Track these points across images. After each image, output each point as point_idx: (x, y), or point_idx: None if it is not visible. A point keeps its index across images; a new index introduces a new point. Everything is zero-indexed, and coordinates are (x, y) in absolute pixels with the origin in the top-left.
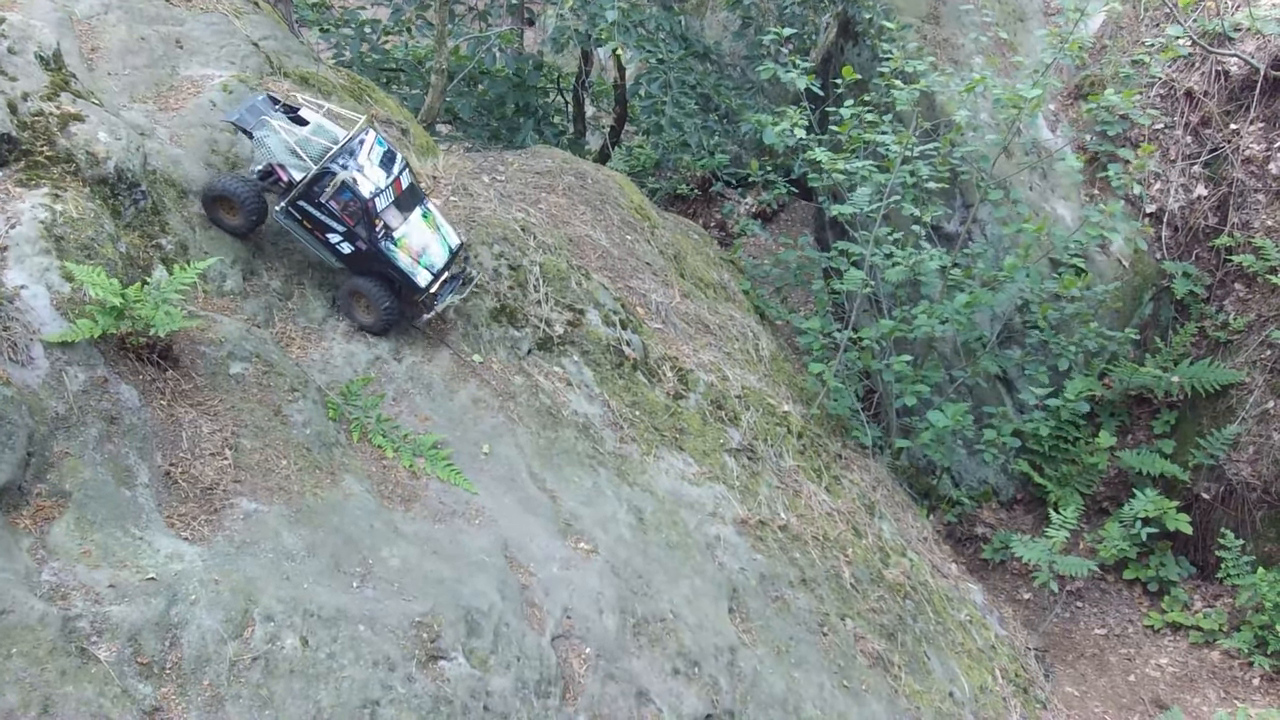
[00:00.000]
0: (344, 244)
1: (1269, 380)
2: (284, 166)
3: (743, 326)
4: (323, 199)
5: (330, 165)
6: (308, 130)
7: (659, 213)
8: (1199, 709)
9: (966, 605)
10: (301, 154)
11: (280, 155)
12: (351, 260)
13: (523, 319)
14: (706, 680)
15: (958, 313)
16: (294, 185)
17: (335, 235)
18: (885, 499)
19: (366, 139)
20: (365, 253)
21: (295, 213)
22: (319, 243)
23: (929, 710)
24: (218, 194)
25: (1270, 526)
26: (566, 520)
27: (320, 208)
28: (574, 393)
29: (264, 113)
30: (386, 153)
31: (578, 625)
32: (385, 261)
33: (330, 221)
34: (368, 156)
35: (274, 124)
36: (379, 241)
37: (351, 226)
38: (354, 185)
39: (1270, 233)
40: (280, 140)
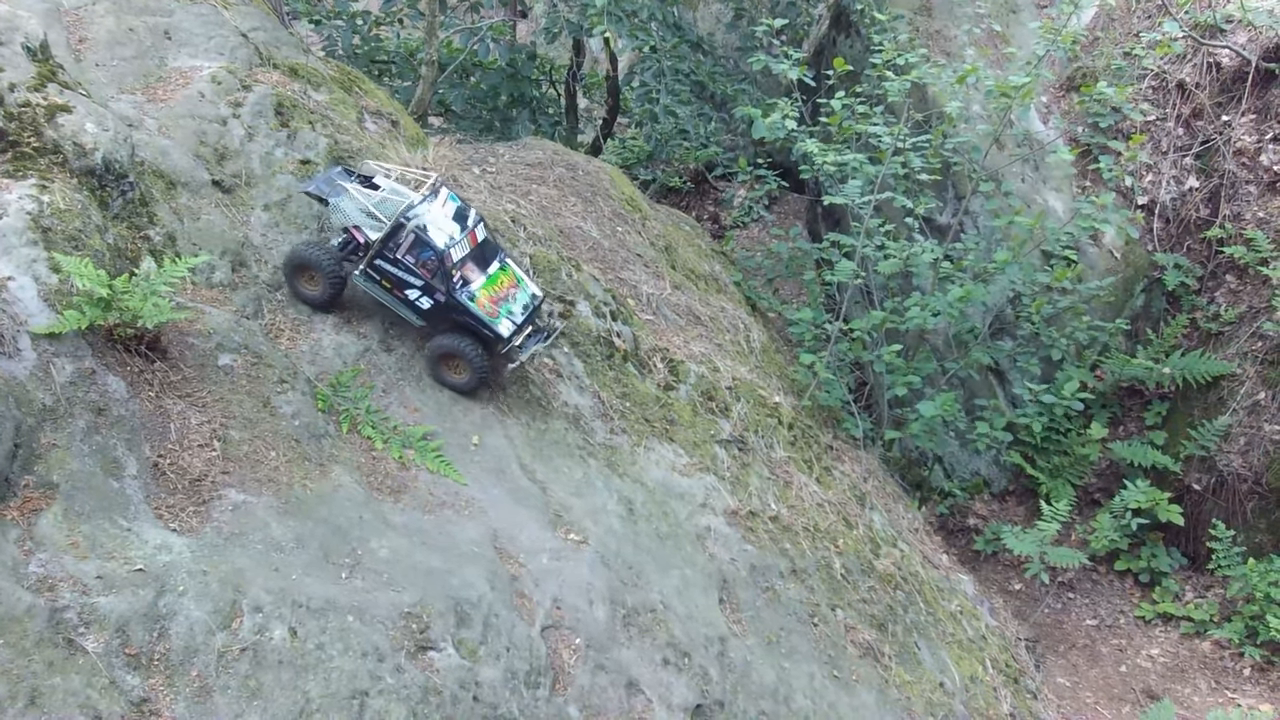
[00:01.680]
0: (423, 299)
1: (1260, 371)
2: (360, 229)
3: (734, 318)
4: (399, 254)
5: (402, 220)
6: (381, 194)
7: (650, 204)
8: (1190, 699)
9: (957, 596)
10: (377, 215)
11: (356, 217)
12: (431, 315)
13: None
14: (696, 670)
15: (950, 305)
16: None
17: (414, 290)
18: (876, 490)
19: (439, 195)
20: (445, 305)
21: (374, 273)
22: (399, 301)
23: (919, 700)
24: (299, 263)
25: (1261, 517)
26: (557, 511)
27: (397, 264)
28: (564, 384)
29: (339, 182)
30: (459, 207)
31: (568, 616)
32: (465, 312)
33: (408, 277)
34: (440, 210)
35: (349, 189)
36: (457, 293)
37: (429, 279)
38: (428, 236)
39: (1261, 224)
40: (355, 203)
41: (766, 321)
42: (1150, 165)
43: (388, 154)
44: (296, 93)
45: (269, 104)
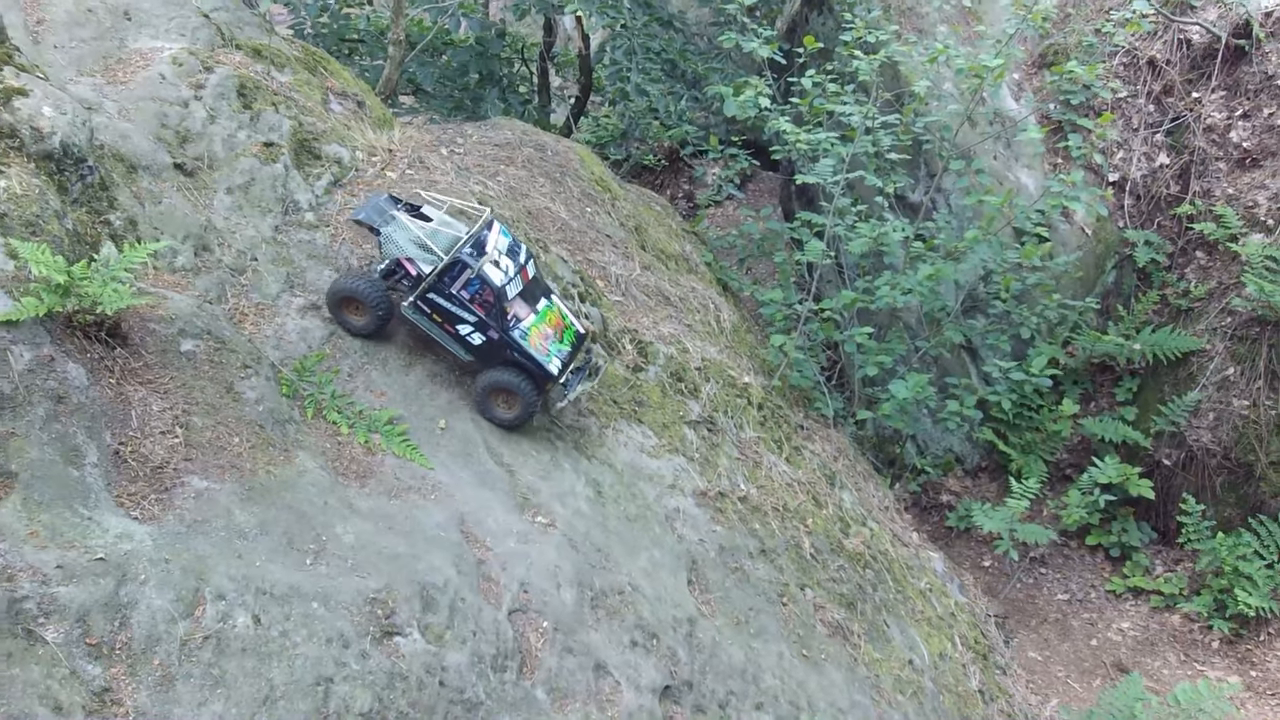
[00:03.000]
0: (475, 334)
1: (1229, 347)
2: (412, 260)
3: (704, 298)
4: (453, 290)
5: (461, 255)
6: (433, 225)
7: (620, 184)
8: (1160, 672)
9: (927, 573)
10: (431, 247)
11: (409, 249)
12: (482, 351)
13: None
14: (665, 652)
15: (920, 284)
16: (422, 278)
17: (466, 326)
18: (846, 469)
19: (492, 229)
20: (497, 343)
21: (425, 306)
22: (449, 335)
23: (888, 678)
24: (345, 294)
25: (1230, 492)
26: (524, 494)
27: (451, 299)
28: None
29: (388, 210)
30: (512, 243)
31: (535, 599)
32: (517, 350)
33: (461, 312)
34: (495, 246)
35: (401, 219)
36: (510, 331)
37: (483, 316)
38: (485, 274)
39: (1231, 200)
40: (407, 235)
41: (738, 301)
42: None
43: (353, 136)
44: (259, 74)
45: (231, 86)
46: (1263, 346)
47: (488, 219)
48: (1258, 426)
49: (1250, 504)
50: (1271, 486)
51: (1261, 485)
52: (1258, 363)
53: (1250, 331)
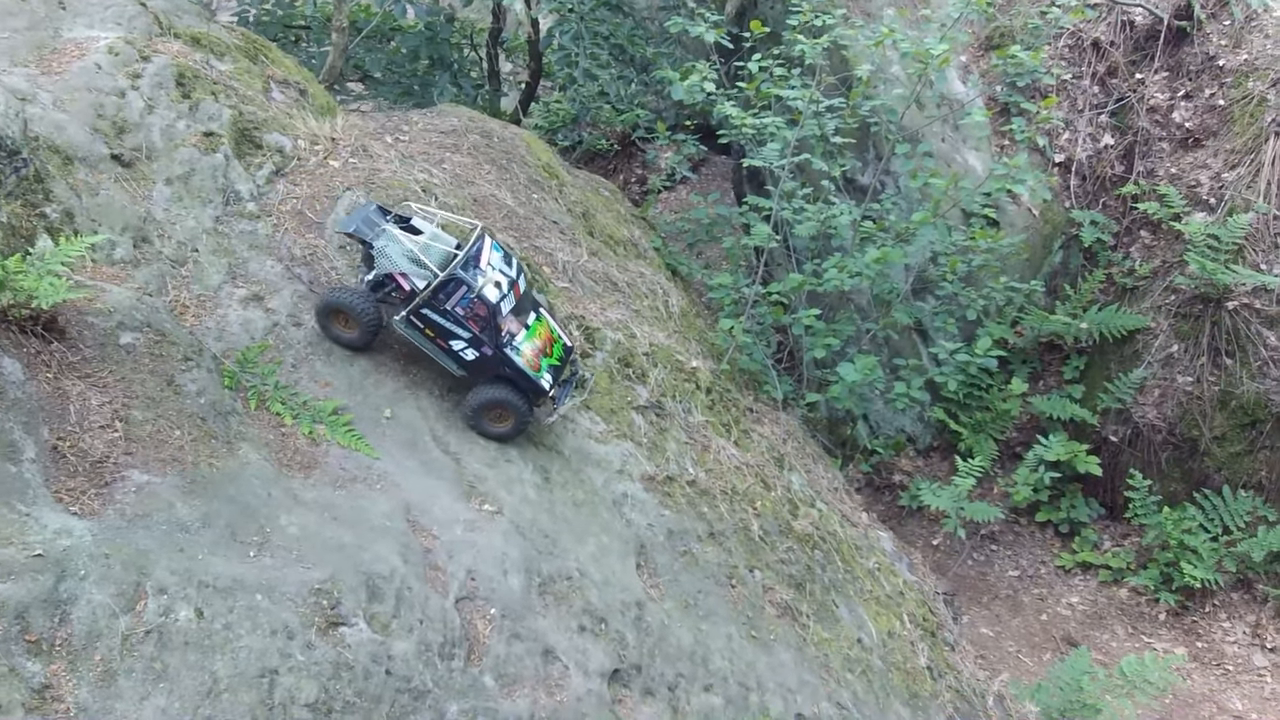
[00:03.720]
0: (468, 350)
1: (1173, 325)
2: (406, 275)
3: (652, 283)
4: (448, 305)
5: (457, 272)
6: (425, 239)
7: (568, 171)
8: (1108, 645)
9: (875, 553)
10: (425, 261)
11: (402, 264)
12: (474, 367)
13: None
14: (613, 636)
15: (868, 267)
16: (415, 293)
17: (459, 342)
18: (796, 451)
19: (485, 244)
20: (491, 359)
21: (418, 321)
22: (441, 350)
23: (837, 657)
24: (335, 307)
25: (1175, 467)
26: (470, 482)
27: (445, 314)
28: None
29: (377, 222)
30: (504, 257)
31: (482, 586)
32: (511, 366)
33: (455, 328)
34: (488, 261)
35: (394, 233)
36: (504, 346)
37: (477, 332)
38: (480, 290)
39: (1174, 180)
40: (401, 249)
41: (687, 286)
42: (1067, 123)
43: (295, 124)
44: (198, 63)
45: (169, 75)
46: (1205, 323)
47: (480, 233)
48: (1201, 402)
49: (1195, 478)
50: (1215, 461)
51: (1206, 460)
52: (1201, 339)
53: (1193, 309)
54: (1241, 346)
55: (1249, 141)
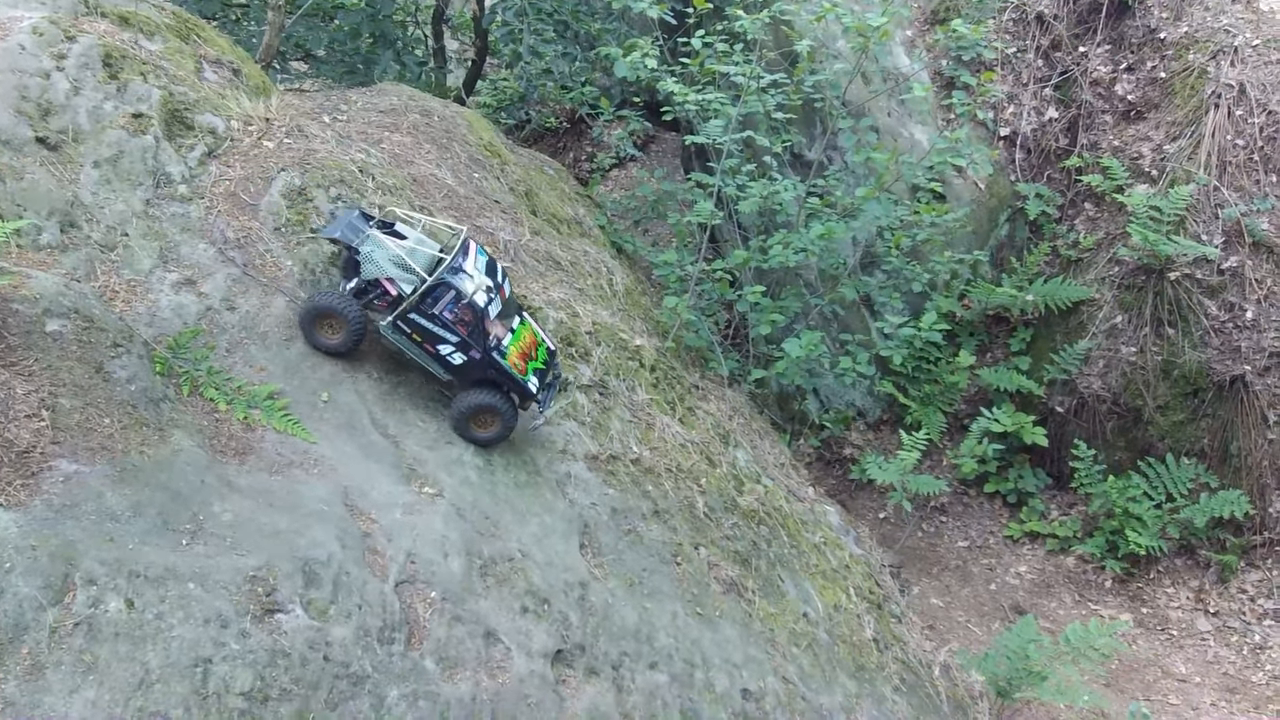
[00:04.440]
0: (455, 354)
1: (1117, 296)
2: (393, 280)
3: (596, 262)
4: (435, 310)
5: (445, 277)
6: (409, 244)
7: (511, 149)
8: (1056, 613)
9: (821, 527)
10: (411, 266)
11: (388, 269)
12: (461, 371)
13: None
14: (556, 616)
15: (812, 243)
16: (402, 299)
17: (447, 346)
18: (742, 427)
19: (469, 249)
20: (478, 362)
21: (405, 326)
22: (428, 355)
23: (783, 631)
24: (321, 312)
25: (1119, 436)
26: (410, 465)
27: (433, 319)
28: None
29: (361, 228)
30: (489, 262)
31: (422, 570)
32: (498, 369)
33: (443, 333)
34: (474, 266)
35: (379, 238)
36: (491, 351)
37: (465, 336)
38: (469, 295)
39: (1117, 153)
40: (387, 254)
41: (633, 265)
42: (1012, 96)
43: (228, 104)
44: (126, 42)
45: (96, 55)
46: (1148, 294)
47: (465, 238)
48: (1145, 372)
49: (1139, 447)
50: (1159, 430)
51: (1149, 429)
52: (1144, 310)
53: (1136, 280)
54: (1183, 316)
55: (1190, 113)
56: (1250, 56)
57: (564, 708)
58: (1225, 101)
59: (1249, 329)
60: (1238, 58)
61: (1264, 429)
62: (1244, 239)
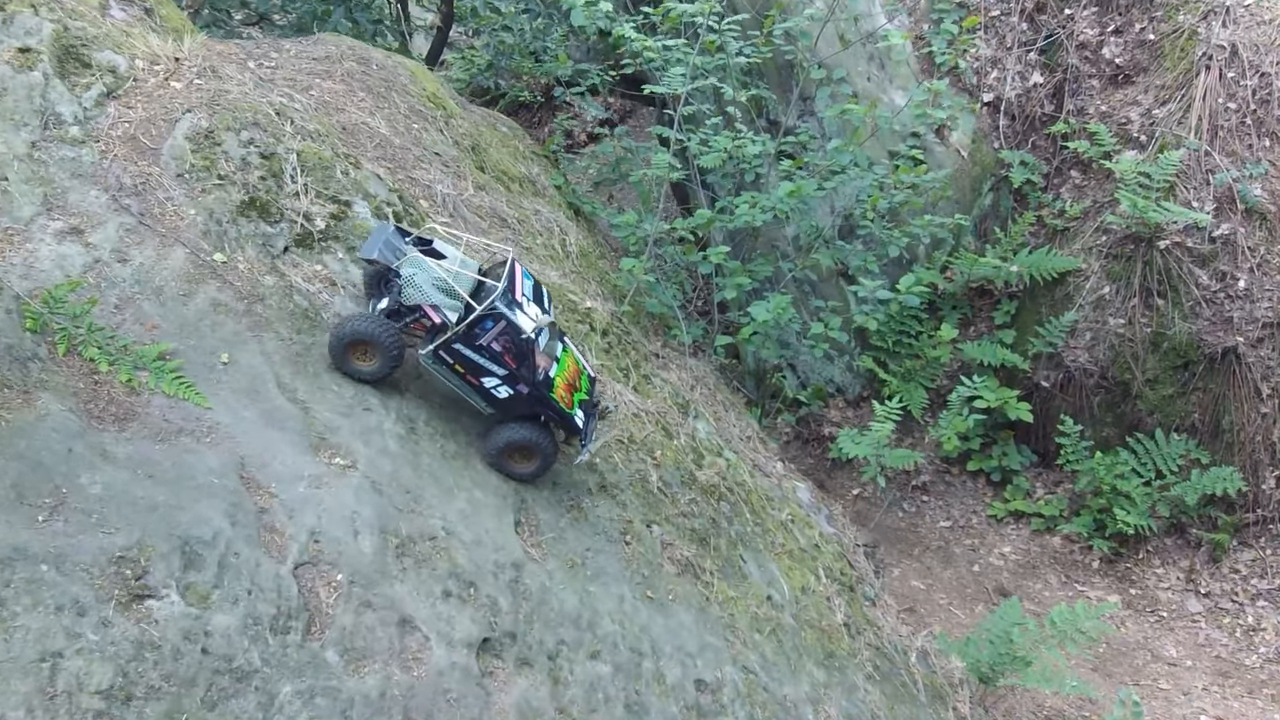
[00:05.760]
0: (501, 388)
1: (1104, 266)
2: (437, 308)
3: (549, 221)
4: (483, 341)
5: (499, 306)
6: (449, 263)
7: (462, 105)
8: (1041, 594)
9: (789, 504)
10: (456, 291)
11: (432, 295)
12: (506, 405)
13: (277, 213)
14: (484, 601)
15: (781, 201)
16: (446, 326)
17: (493, 379)
18: (705, 398)
19: (517, 272)
20: (525, 396)
21: (448, 356)
22: (471, 387)
23: (744, 616)
24: (357, 338)
25: (1107, 411)
26: (320, 434)
27: (480, 350)
28: (338, 294)
29: (399, 246)
30: (535, 285)
31: (328, 549)
32: (546, 404)
33: (491, 365)
34: (522, 292)
35: (421, 259)
36: (541, 385)
37: (514, 369)
38: (519, 325)
39: (1104, 118)
40: (430, 277)
41: (590, 228)
42: (995, 61)
43: (133, 43)
44: None
45: None
46: (1137, 264)
47: (511, 261)
48: (1133, 344)
49: (1127, 423)
50: (1148, 404)
51: (1138, 403)
52: (1132, 280)
53: (1125, 249)
54: (1173, 286)
55: (1179, 76)
56: (1242, 17)
57: (490, 703)
58: (1216, 64)
59: (1241, 299)
60: (1229, 18)
61: (1257, 403)
62: (1236, 205)
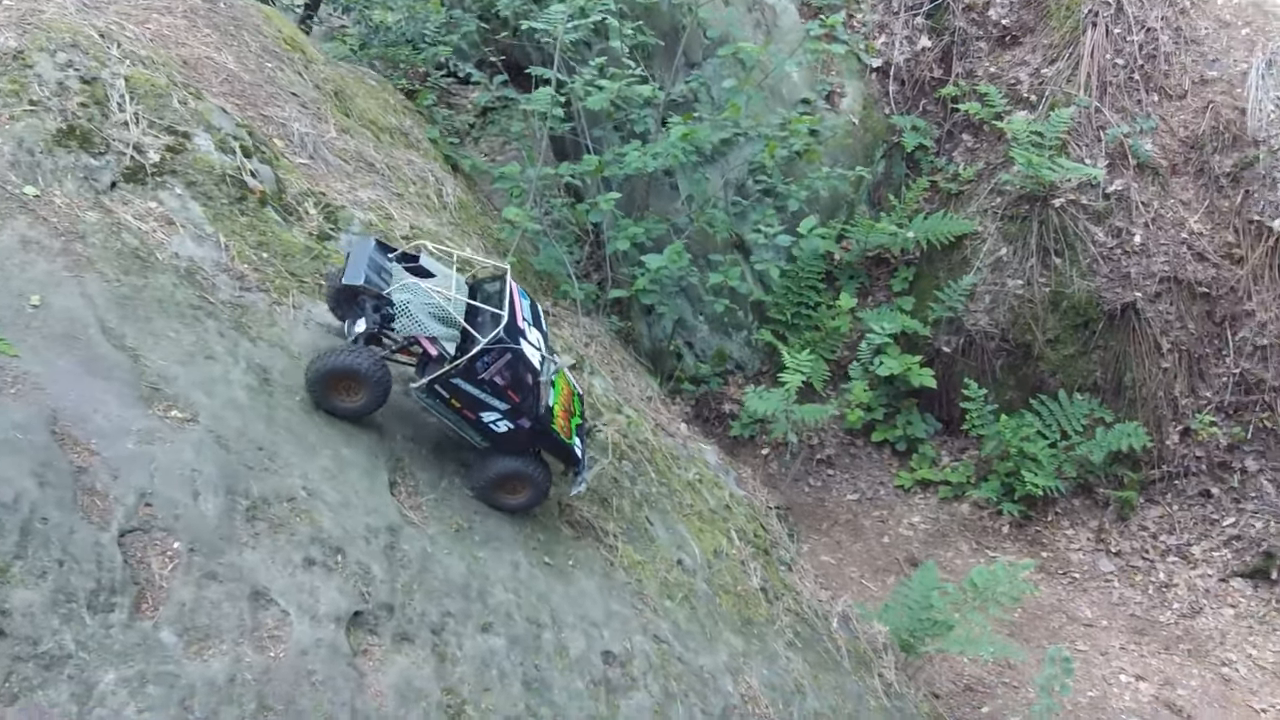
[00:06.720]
0: (501, 422)
1: (1000, 227)
2: (435, 340)
3: (423, 171)
4: (485, 375)
5: (509, 341)
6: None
7: (325, 55)
8: (953, 562)
9: (696, 464)
10: (453, 319)
11: (429, 325)
12: (504, 439)
13: (101, 144)
14: (354, 570)
15: (674, 145)
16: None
17: (492, 414)
18: (601, 356)
19: (514, 294)
20: (527, 430)
21: (443, 390)
22: (466, 422)
23: (653, 582)
24: (340, 373)
25: (1009, 374)
26: (153, 384)
27: (481, 384)
28: (177, 233)
29: (385, 266)
30: (531, 305)
31: (161, 513)
32: (547, 437)
33: (491, 399)
34: (523, 317)
35: (412, 284)
36: (543, 418)
37: (517, 403)
38: (528, 359)
39: (994, 79)
40: (423, 302)
41: (472, 185)
42: (883, 26)
43: None
44: None
45: None
46: (1033, 224)
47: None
48: (1033, 305)
49: (1030, 384)
50: (1050, 365)
51: (1040, 364)
52: (1029, 240)
53: (1020, 210)
54: (1070, 245)
55: (1067, 35)
56: None
57: (364, 685)
58: (1103, 20)
59: (1138, 254)
60: None
61: (1158, 358)
62: (1128, 161)
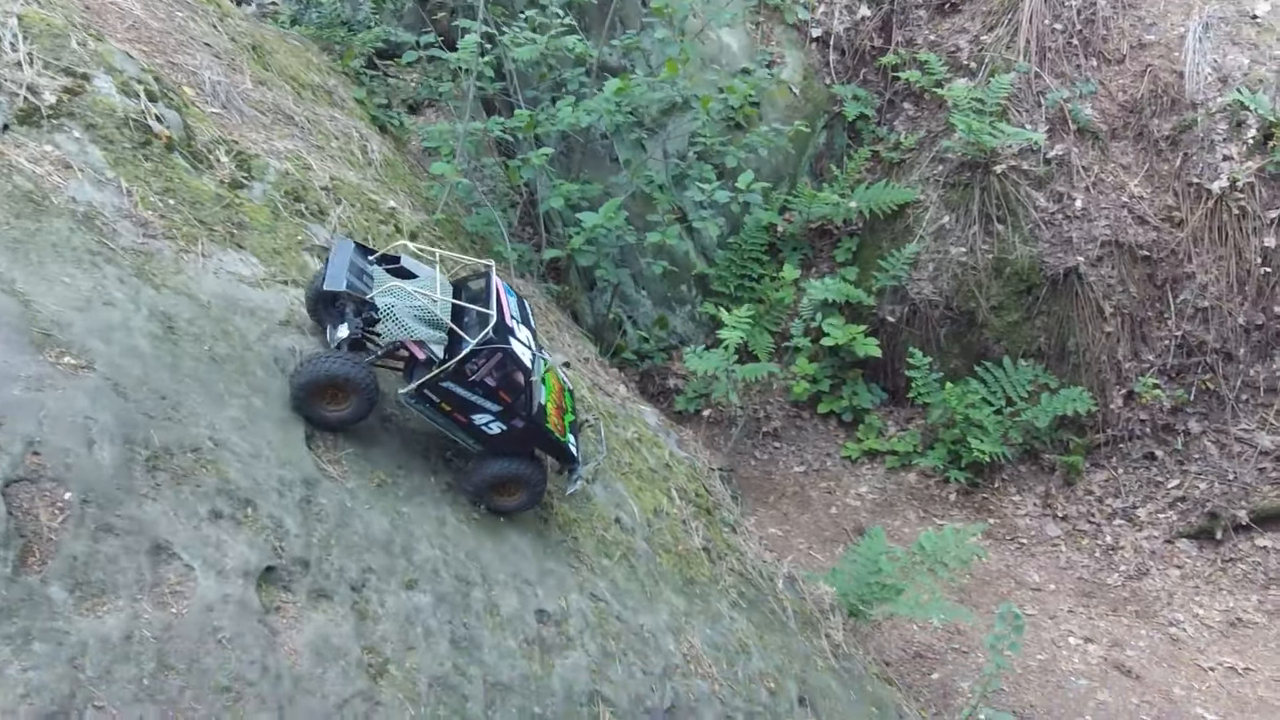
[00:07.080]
0: (494, 424)
1: (943, 195)
2: (423, 344)
3: (347, 128)
4: (476, 377)
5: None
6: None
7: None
8: (901, 531)
9: (635, 424)
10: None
11: (416, 328)
12: (497, 441)
13: None
14: (266, 523)
15: (607, 100)
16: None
17: (484, 416)
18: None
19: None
20: (520, 431)
21: (433, 394)
22: (458, 425)
23: (589, 540)
24: (327, 380)
25: (954, 342)
26: (45, 330)
27: (472, 386)
28: (74, 177)
29: (366, 270)
30: (519, 301)
31: (51, 463)
32: (542, 436)
33: (483, 401)
34: (511, 315)
35: (397, 286)
36: (536, 417)
37: (509, 404)
38: (518, 358)
39: (933, 47)
40: (409, 306)
41: (400, 146)
42: None
43: None
44: None
45: None
46: (975, 190)
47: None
48: (976, 272)
49: (975, 352)
50: (994, 331)
51: (984, 331)
52: (971, 208)
53: (961, 177)
54: (1012, 211)
55: (1006, 1)
56: None
57: (277, 643)
58: None
59: (1079, 219)
60: None
61: (1100, 322)
62: (1069, 126)
